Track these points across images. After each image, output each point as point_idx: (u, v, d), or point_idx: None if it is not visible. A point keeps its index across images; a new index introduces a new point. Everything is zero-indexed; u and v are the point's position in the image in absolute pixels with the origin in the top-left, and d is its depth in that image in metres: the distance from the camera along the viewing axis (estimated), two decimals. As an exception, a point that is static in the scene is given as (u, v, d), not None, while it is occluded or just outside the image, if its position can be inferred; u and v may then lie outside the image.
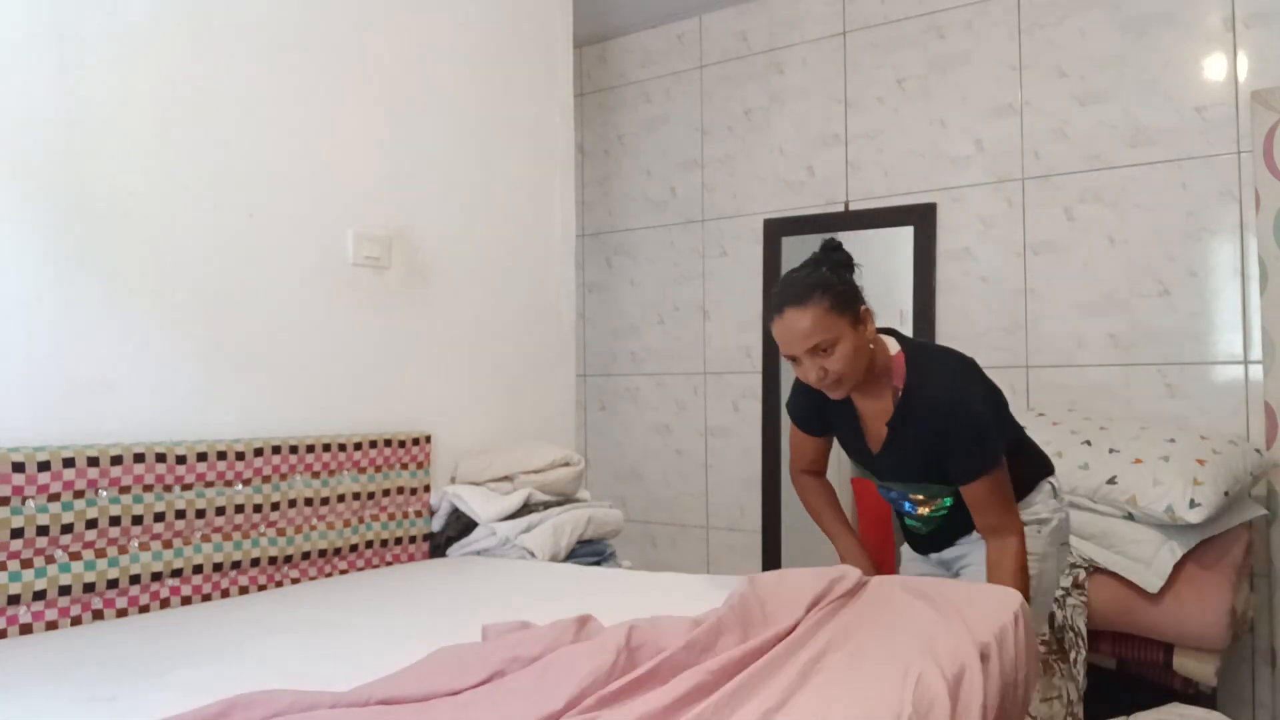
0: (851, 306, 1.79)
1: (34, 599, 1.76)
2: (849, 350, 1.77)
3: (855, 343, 1.78)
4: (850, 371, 1.78)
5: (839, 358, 1.76)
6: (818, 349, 1.76)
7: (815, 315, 1.74)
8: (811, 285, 1.77)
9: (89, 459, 1.84)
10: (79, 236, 1.90)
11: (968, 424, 1.79)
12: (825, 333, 1.75)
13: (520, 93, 2.98)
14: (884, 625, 1.47)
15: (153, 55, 2.03)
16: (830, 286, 1.77)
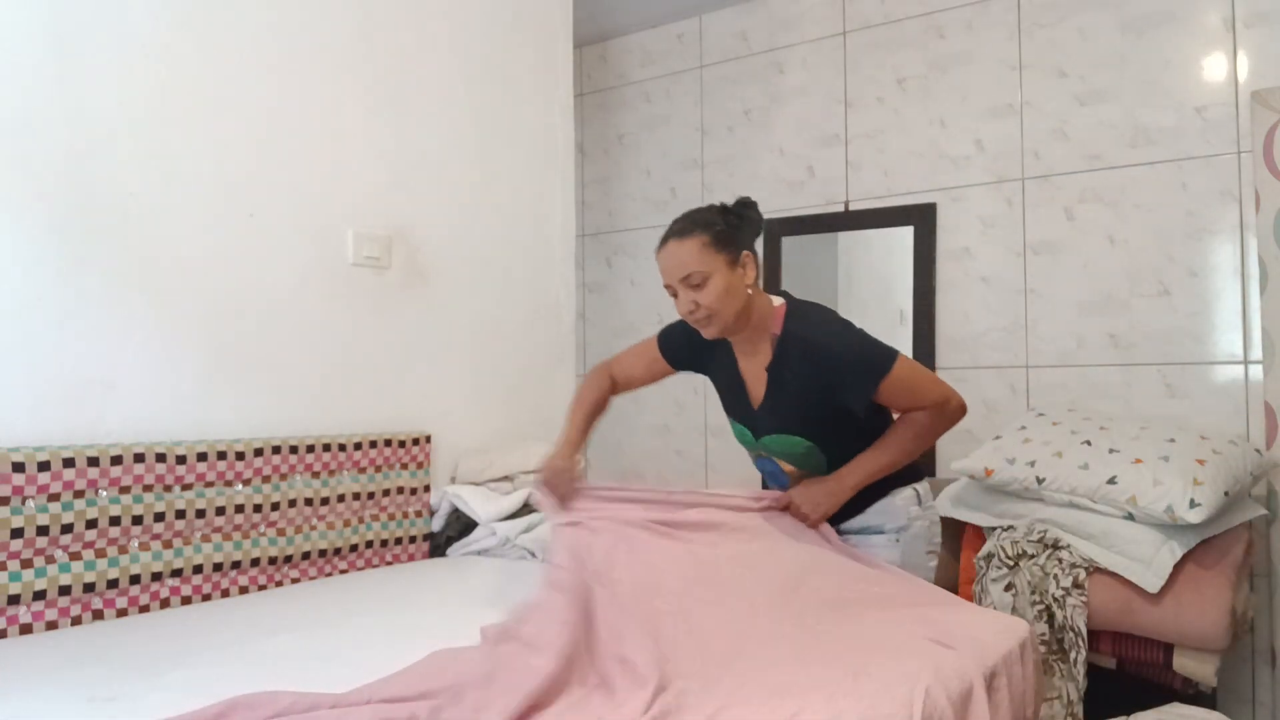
0: (730, 247, 1.86)
1: (34, 599, 1.76)
2: (720, 287, 1.83)
3: (728, 281, 1.84)
4: (720, 310, 1.83)
5: (710, 292, 1.82)
6: (689, 280, 1.82)
7: (692, 248, 1.83)
8: (695, 221, 1.87)
9: (89, 459, 1.84)
10: (79, 236, 1.91)
11: (847, 345, 1.84)
12: (699, 265, 1.82)
13: (520, 93, 2.98)
14: (889, 643, 1.47)
15: (153, 55, 2.04)
16: (713, 225, 1.86)
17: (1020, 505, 2.55)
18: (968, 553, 2.68)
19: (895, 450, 1.89)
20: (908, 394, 1.85)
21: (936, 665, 1.32)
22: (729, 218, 1.90)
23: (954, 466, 2.66)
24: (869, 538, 1.97)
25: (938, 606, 1.66)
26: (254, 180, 2.23)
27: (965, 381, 3.21)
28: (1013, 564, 2.41)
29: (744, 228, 1.93)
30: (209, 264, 2.14)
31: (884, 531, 1.97)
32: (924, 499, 2.02)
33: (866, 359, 1.82)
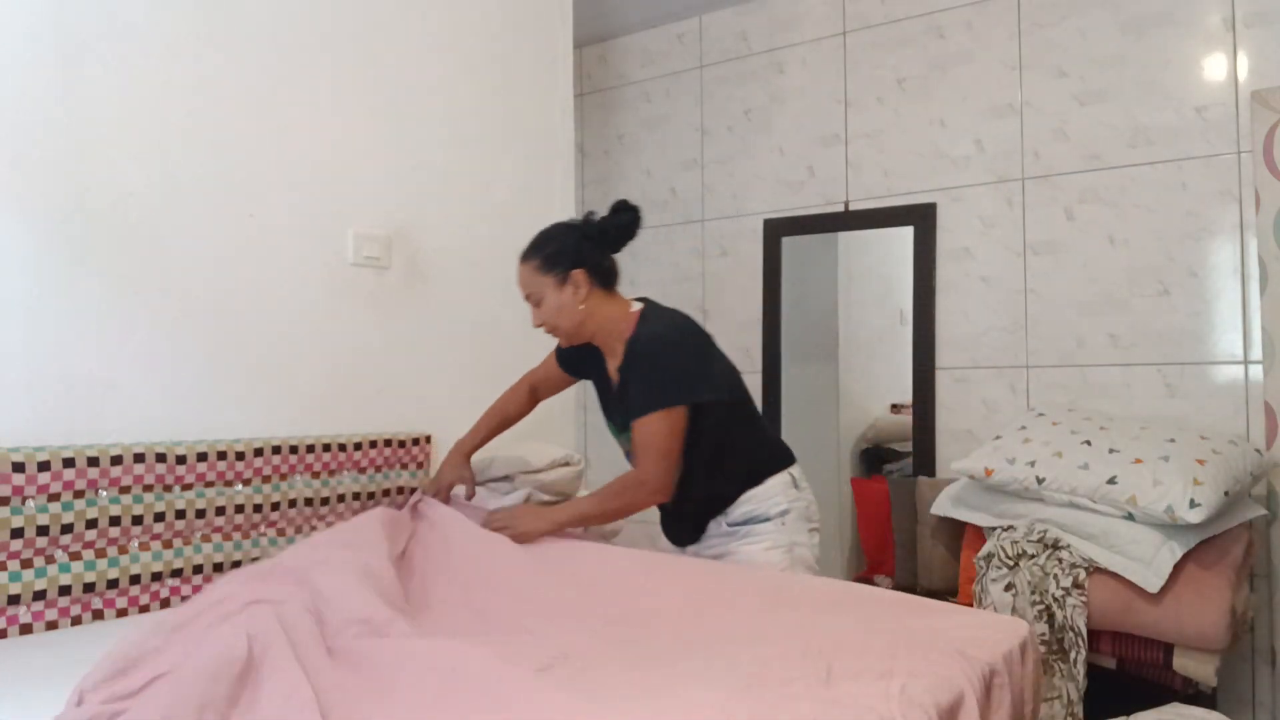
0: (557, 269, 2.03)
1: (34, 599, 1.76)
2: (552, 305, 2.04)
3: (558, 301, 2.03)
4: (558, 325, 2.05)
5: (544, 311, 2.05)
6: (529, 299, 2.08)
7: (526, 271, 2.07)
8: (534, 244, 2.08)
9: (89, 459, 1.84)
10: (79, 236, 1.91)
11: (653, 358, 1.97)
12: (529, 288, 2.06)
13: (520, 93, 2.98)
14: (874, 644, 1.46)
15: (153, 55, 2.04)
16: (544, 248, 2.05)
17: (1020, 505, 2.55)
18: (968, 553, 2.68)
19: (591, 509, 2.03)
20: (640, 443, 1.97)
21: (918, 676, 1.29)
22: (567, 237, 2.07)
23: (954, 466, 2.66)
24: (754, 526, 2.07)
25: (926, 615, 1.65)
26: (254, 180, 2.23)
27: (965, 381, 3.21)
28: (1013, 564, 2.41)
29: (585, 243, 2.07)
30: (209, 264, 2.14)
31: (769, 518, 2.08)
32: (799, 481, 2.15)
33: (655, 387, 1.95)
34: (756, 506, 2.08)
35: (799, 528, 2.10)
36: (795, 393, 3.60)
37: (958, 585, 2.76)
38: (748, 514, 2.08)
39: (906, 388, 3.33)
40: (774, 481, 2.10)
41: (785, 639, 1.49)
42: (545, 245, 2.06)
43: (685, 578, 1.83)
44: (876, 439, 3.57)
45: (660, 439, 1.94)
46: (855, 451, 3.59)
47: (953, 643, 1.43)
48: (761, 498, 2.08)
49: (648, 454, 1.95)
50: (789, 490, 2.11)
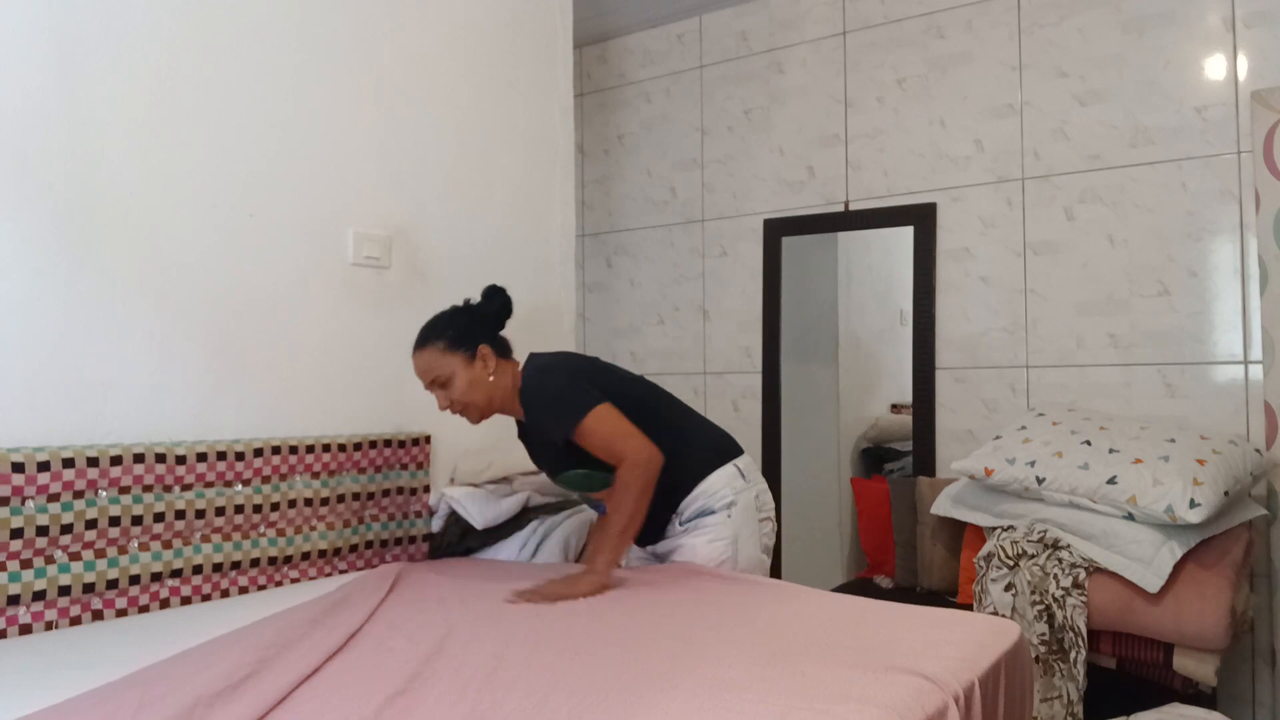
0: (465, 345, 2.08)
1: (33, 599, 1.76)
2: (464, 384, 2.07)
3: (470, 377, 2.07)
4: (472, 401, 2.08)
5: (456, 390, 2.07)
6: (436, 382, 2.09)
7: (429, 356, 2.08)
8: (428, 331, 2.11)
9: (89, 459, 1.84)
10: (79, 236, 1.91)
11: (537, 396, 2.07)
12: (436, 371, 2.08)
13: (520, 93, 2.98)
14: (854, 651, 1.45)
15: (153, 55, 2.03)
16: (445, 331, 2.09)
17: (1020, 505, 2.55)
18: (968, 553, 2.68)
19: (620, 517, 1.96)
20: (602, 446, 2.00)
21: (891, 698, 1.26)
22: (460, 319, 2.13)
23: (954, 466, 2.66)
24: (701, 520, 2.12)
25: (907, 629, 1.63)
26: (254, 180, 2.23)
27: (965, 382, 3.21)
28: (1013, 564, 2.41)
29: (480, 323, 2.15)
30: (209, 264, 2.13)
31: (714, 511, 2.11)
32: (746, 473, 2.18)
33: (556, 410, 2.03)
34: (705, 501, 2.13)
35: (746, 519, 2.14)
36: (795, 393, 3.60)
37: (958, 585, 2.76)
38: (697, 509, 2.13)
39: (906, 388, 3.33)
40: (718, 475, 2.14)
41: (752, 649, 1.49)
42: (445, 329, 2.10)
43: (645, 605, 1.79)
44: (876, 439, 3.57)
45: (608, 426, 1.99)
46: (855, 451, 3.59)
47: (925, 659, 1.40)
48: (708, 492, 2.12)
49: (613, 442, 1.98)
50: (735, 481, 2.15)
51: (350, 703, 1.29)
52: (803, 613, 1.72)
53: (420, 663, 1.45)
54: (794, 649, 1.47)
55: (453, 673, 1.40)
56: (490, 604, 1.82)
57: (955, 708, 1.30)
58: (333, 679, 1.40)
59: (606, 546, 1.95)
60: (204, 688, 1.29)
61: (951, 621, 1.70)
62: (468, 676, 1.38)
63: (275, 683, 1.34)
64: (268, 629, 1.58)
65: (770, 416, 3.60)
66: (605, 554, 1.95)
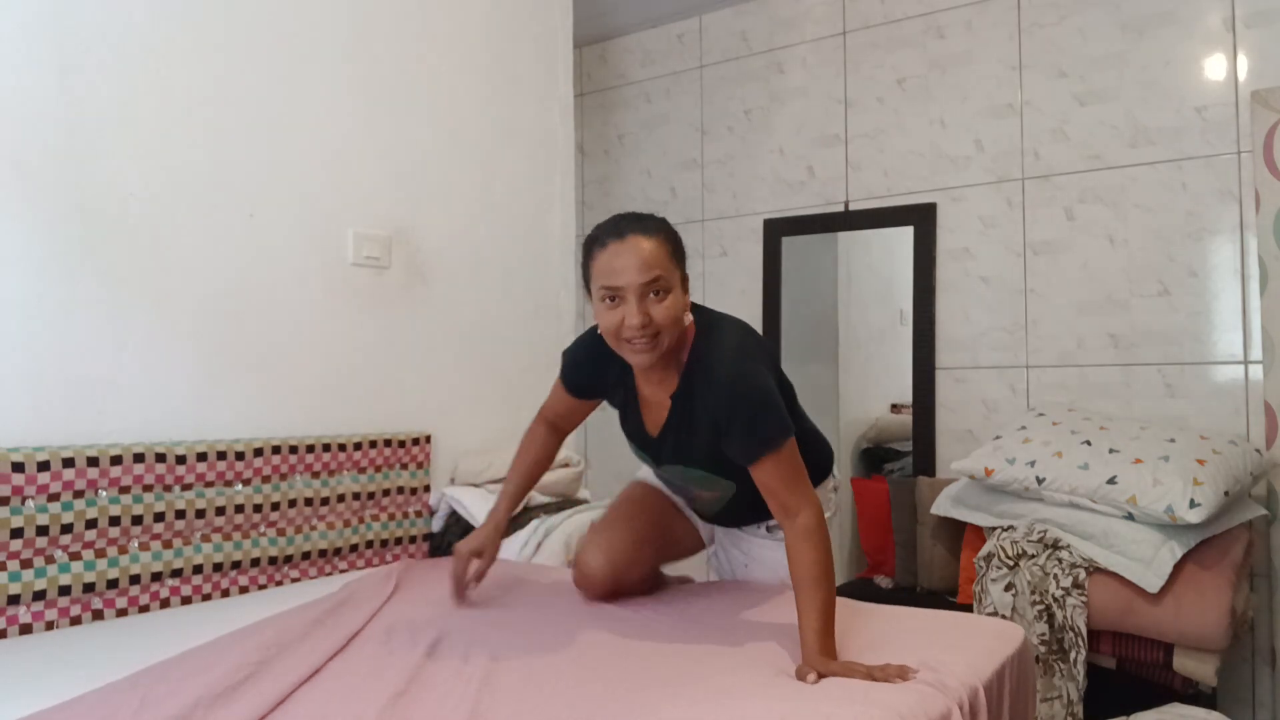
0: (683, 265, 1.67)
1: (34, 599, 1.76)
2: (675, 304, 1.60)
3: (681, 301, 1.63)
4: (669, 330, 1.59)
5: (667, 308, 1.58)
6: (651, 287, 1.56)
7: (662, 249, 1.59)
8: (661, 222, 1.66)
9: (89, 459, 1.84)
10: (79, 236, 1.91)
11: (750, 398, 1.60)
12: (662, 270, 1.57)
13: (520, 93, 2.98)
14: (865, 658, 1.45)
15: (153, 56, 2.04)
16: (674, 235, 1.66)
17: (1020, 505, 2.55)
18: (968, 553, 2.68)
19: (820, 592, 1.52)
20: (783, 481, 1.60)
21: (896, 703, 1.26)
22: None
23: (954, 466, 2.66)
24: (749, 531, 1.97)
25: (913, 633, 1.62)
26: (254, 180, 2.23)
27: (965, 382, 3.21)
28: (1013, 564, 2.41)
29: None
30: (209, 264, 2.13)
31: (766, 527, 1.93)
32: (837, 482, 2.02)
33: (762, 422, 1.59)
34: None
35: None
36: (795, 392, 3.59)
37: (958, 585, 2.76)
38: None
39: (906, 388, 3.33)
40: (825, 489, 1.91)
41: (756, 654, 1.49)
42: (671, 230, 1.67)
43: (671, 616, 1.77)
44: (876, 439, 3.57)
45: (788, 471, 1.60)
46: (855, 451, 3.58)
47: (930, 665, 1.40)
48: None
49: (795, 485, 1.60)
50: (827, 495, 1.93)
51: (350, 704, 1.29)
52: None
53: (420, 665, 1.45)
54: (798, 655, 1.47)
55: (453, 675, 1.40)
56: (491, 605, 1.82)
57: (960, 713, 1.30)
58: (334, 680, 1.40)
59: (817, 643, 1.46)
60: (205, 688, 1.30)
61: (957, 625, 1.69)
62: (467, 679, 1.38)
63: (276, 684, 1.34)
64: (268, 629, 1.58)
65: (770, 416, 3.60)
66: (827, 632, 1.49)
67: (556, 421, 1.95)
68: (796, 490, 1.59)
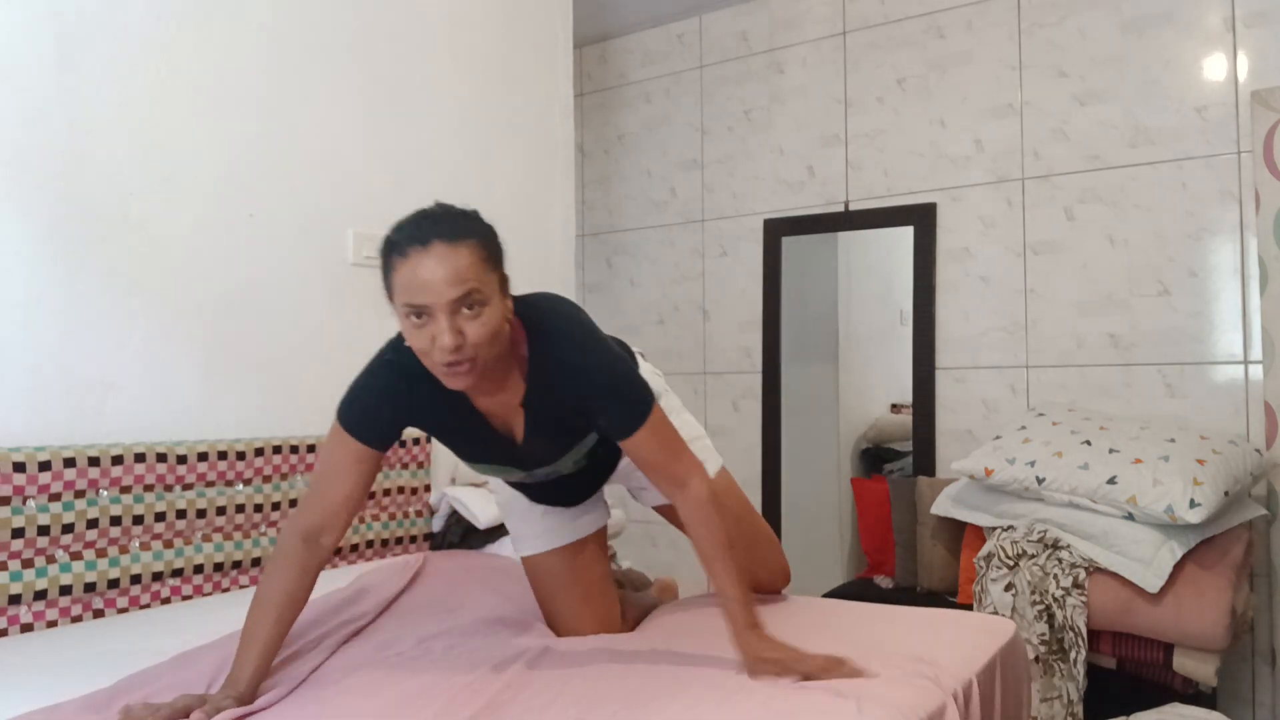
0: (501, 267, 1.46)
1: (35, 599, 1.76)
2: (493, 318, 1.38)
3: (500, 313, 1.41)
4: (488, 348, 1.39)
5: (484, 324, 1.36)
6: (464, 302, 1.35)
7: (473, 256, 1.37)
8: (470, 223, 1.43)
9: (89, 459, 1.84)
10: (79, 236, 1.91)
11: (614, 377, 1.50)
12: (480, 280, 1.36)
13: (520, 93, 2.98)
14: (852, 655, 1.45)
15: (153, 55, 2.04)
16: (488, 235, 1.45)
17: (1020, 505, 2.55)
18: (968, 553, 2.69)
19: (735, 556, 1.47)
20: (663, 447, 1.49)
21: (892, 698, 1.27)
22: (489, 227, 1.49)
23: (954, 466, 2.66)
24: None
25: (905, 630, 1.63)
26: (254, 180, 2.23)
27: (965, 382, 3.21)
28: (1013, 564, 2.41)
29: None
30: (209, 264, 2.13)
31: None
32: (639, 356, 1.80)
33: (631, 396, 1.49)
34: None
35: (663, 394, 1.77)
36: (795, 393, 3.60)
37: (958, 585, 2.76)
38: None
39: (906, 388, 3.33)
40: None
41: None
42: (484, 230, 1.45)
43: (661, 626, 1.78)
44: (876, 439, 3.57)
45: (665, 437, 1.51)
46: (855, 451, 3.59)
47: (924, 659, 1.41)
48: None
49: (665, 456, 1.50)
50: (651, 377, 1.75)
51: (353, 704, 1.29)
52: (806, 621, 1.72)
53: (427, 666, 1.45)
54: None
55: (460, 677, 1.40)
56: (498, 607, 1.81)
57: (954, 705, 1.30)
58: (335, 682, 1.40)
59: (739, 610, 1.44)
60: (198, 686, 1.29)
61: (947, 621, 1.71)
62: (472, 680, 1.38)
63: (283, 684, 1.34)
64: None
65: (770, 416, 3.61)
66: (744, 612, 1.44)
67: (325, 524, 1.48)
68: (680, 456, 1.50)
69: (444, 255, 1.35)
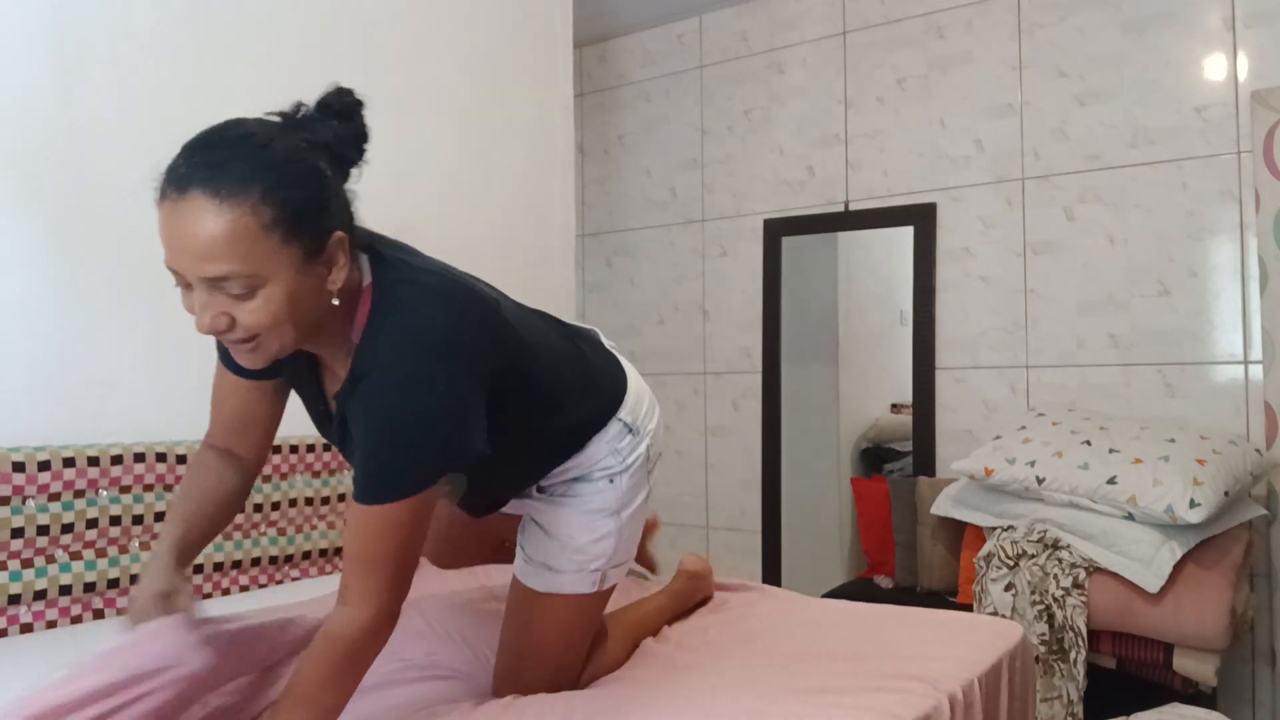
0: (311, 227, 1.05)
1: (35, 599, 1.76)
2: (282, 298, 1.03)
3: (298, 289, 1.05)
4: (281, 336, 1.07)
5: (260, 310, 1.03)
6: (221, 283, 1.02)
7: (239, 227, 1.00)
8: (252, 168, 1.03)
9: (89, 459, 1.84)
10: (79, 236, 1.91)
11: (381, 431, 1.11)
12: (241, 262, 1.01)
13: (520, 93, 2.98)
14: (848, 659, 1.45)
15: (153, 55, 2.04)
16: (280, 186, 1.03)
17: (1020, 505, 2.55)
18: (968, 553, 2.68)
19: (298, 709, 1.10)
20: (362, 545, 1.13)
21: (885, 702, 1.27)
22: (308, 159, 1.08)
23: (954, 466, 2.66)
24: (576, 486, 1.44)
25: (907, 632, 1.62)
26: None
27: (965, 382, 3.21)
28: (1013, 564, 2.41)
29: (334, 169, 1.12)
30: (209, 264, 2.13)
31: (593, 480, 1.44)
32: (635, 426, 1.48)
33: (382, 464, 1.12)
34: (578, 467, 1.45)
35: (639, 477, 1.49)
36: (795, 393, 3.60)
37: (958, 585, 2.76)
38: (569, 476, 1.45)
39: (906, 388, 3.33)
40: (605, 435, 1.44)
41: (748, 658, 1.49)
42: (270, 172, 1.03)
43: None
44: (876, 439, 3.57)
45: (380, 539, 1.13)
46: (855, 451, 3.59)
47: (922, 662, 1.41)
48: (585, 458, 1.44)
49: (362, 554, 1.13)
50: (617, 442, 1.45)
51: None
52: (803, 621, 1.72)
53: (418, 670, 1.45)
54: (789, 656, 1.47)
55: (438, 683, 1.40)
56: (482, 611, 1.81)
57: (950, 707, 1.30)
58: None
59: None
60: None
61: (953, 623, 1.70)
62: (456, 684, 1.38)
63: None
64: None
65: (770, 416, 3.60)
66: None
67: (225, 438, 1.33)
68: (370, 574, 1.12)
69: (198, 216, 1.01)
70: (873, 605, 1.86)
